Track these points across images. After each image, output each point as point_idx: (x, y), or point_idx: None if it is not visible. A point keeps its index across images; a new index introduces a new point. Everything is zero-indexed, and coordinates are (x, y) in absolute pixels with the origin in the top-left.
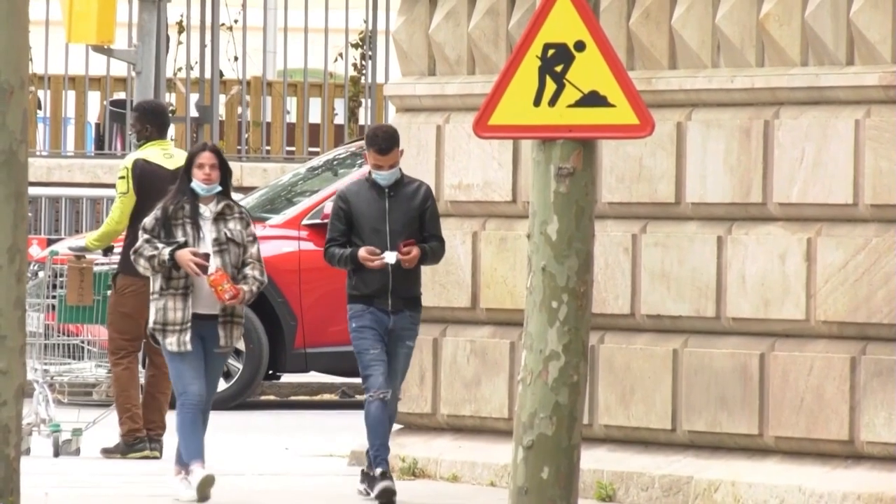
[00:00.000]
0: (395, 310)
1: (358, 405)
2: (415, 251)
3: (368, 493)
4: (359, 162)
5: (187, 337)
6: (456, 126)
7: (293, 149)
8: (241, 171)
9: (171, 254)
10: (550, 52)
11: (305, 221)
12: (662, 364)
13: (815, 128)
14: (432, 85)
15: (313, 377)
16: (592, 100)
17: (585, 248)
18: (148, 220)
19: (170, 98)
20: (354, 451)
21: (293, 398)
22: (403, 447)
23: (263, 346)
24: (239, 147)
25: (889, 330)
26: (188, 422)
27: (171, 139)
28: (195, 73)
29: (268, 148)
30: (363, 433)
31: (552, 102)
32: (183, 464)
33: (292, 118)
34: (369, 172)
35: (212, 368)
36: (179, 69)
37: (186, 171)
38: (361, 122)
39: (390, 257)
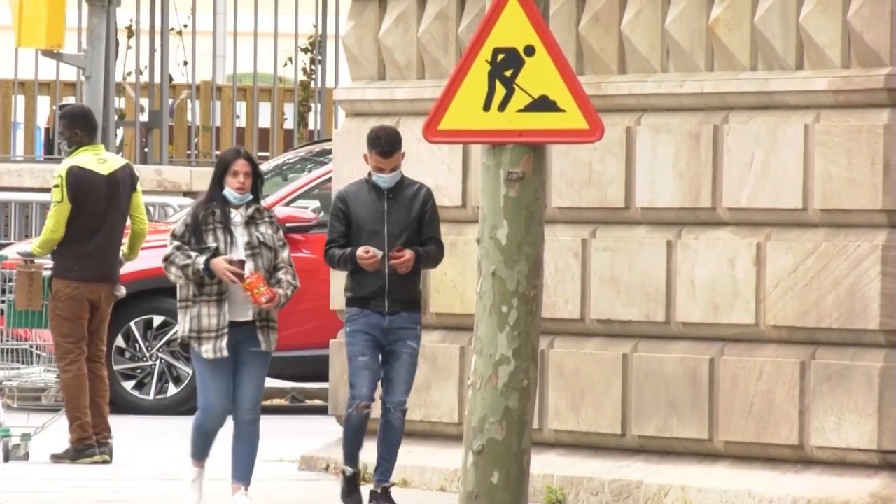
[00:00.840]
0: (392, 311)
1: (308, 410)
2: (407, 254)
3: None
4: (308, 166)
5: (223, 343)
6: (406, 131)
7: None
8: (191, 176)
9: (206, 262)
10: (500, 56)
11: None
12: (612, 369)
13: (764, 133)
14: (382, 90)
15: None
16: (542, 104)
17: (535, 252)
18: (178, 227)
19: (119, 102)
20: (304, 456)
21: None
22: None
23: None
24: (188, 152)
25: (838, 334)
26: (202, 432)
27: (122, 144)
28: (145, 78)
29: (217, 152)
30: (313, 438)
31: (502, 107)
32: (194, 457)
33: (242, 123)
34: (369, 174)
35: (252, 372)
36: (129, 74)
37: (219, 178)
38: (311, 126)
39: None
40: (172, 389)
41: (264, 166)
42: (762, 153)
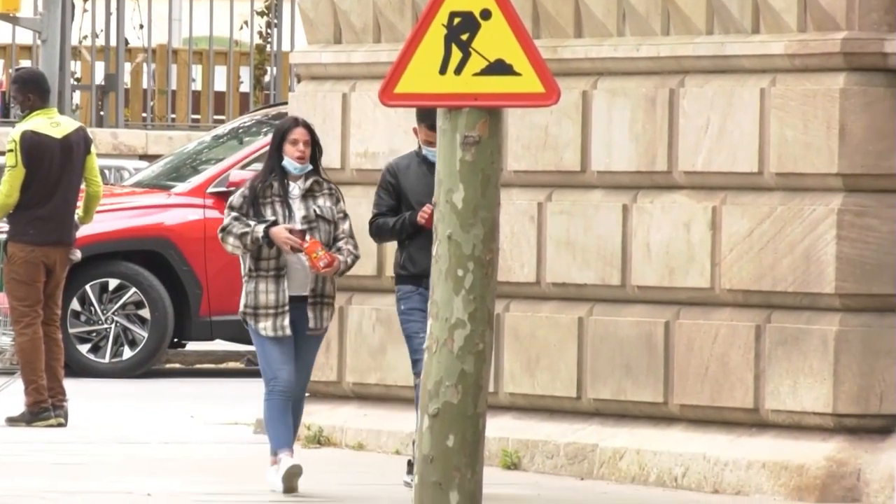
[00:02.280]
0: None
1: None
2: None
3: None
4: (264, 130)
5: (286, 321)
6: (362, 94)
7: (198, 117)
8: (147, 140)
9: (266, 231)
10: (456, 20)
11: (210, 189)
12: (568, 332)
13: (720, 97)
14: (338, 53)
15: (218, 345)
16: (498, 68)
17: (491, 216)
18: (235, 199)
19: (75, 66)
20: (260, 419)
21: (198, 366)
22: (309, 415)
23: (168, 315)
24: (144, 115)
25: (794, 298)
26: (275, 410)
27: (77, 107)
28: (101, 42)
29: (173, 116)
30: None
31: (458, 71)
32: (273, 453)
33: (197, 86)
34: (419, 146)
35: (304, 352)
36: (85, 37)
37: (277, 147)
38: (267, 90)
39: None
40: (128, 353)
41: (219, 130)
42: (718, 117)
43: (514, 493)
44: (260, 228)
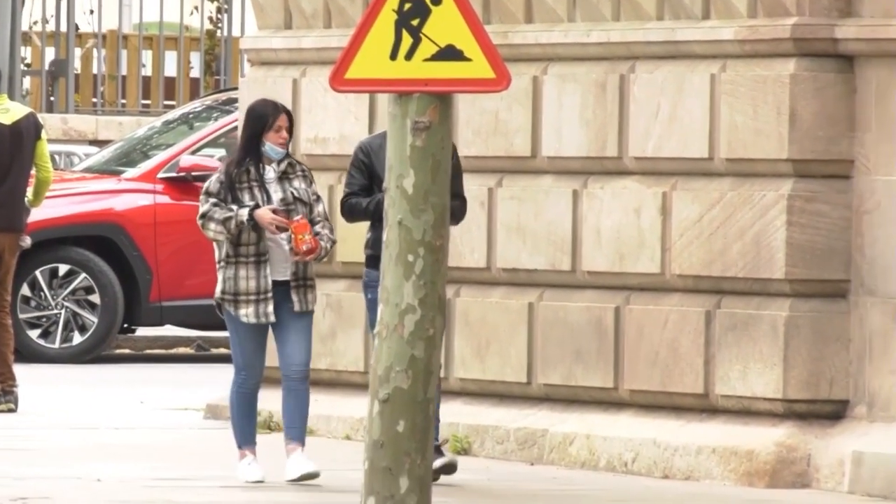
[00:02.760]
0: None
1: (214, 359)
2: None
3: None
4: (214, 115)
5: (270, 307)
6: (312, 80)
7: (149, 102)
8: (97, 125)
9: (250, 213)
10: (407, 5)
11: (161, 175)
12: (518, 317)
13: (670, 82)
14: (288, 39)
15: (169, 330)
16: (449, 54)
17: (441, 201)
18: (212, 184)
19: (25, 52)
20: (210, 405)
21: (148, 352)
22: (259, 401)
23: (118, 300)
24: (94, 100)
25: (744, 283)
26: (244, 403)
27: (28, 92)
28: (51, 27)
29: (123, 101)
30: (219, 386)
31: (408, 56)
32: (239, 446)
33: (148, 72)
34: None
35: (297, 331)
36: (35, 22)
37: (258, 134)
38: (217, 75)
39: None
40: (77, 338)
41: (169, 115)
42: (668, 103)
43: (464, 478)
44: (244, 212)
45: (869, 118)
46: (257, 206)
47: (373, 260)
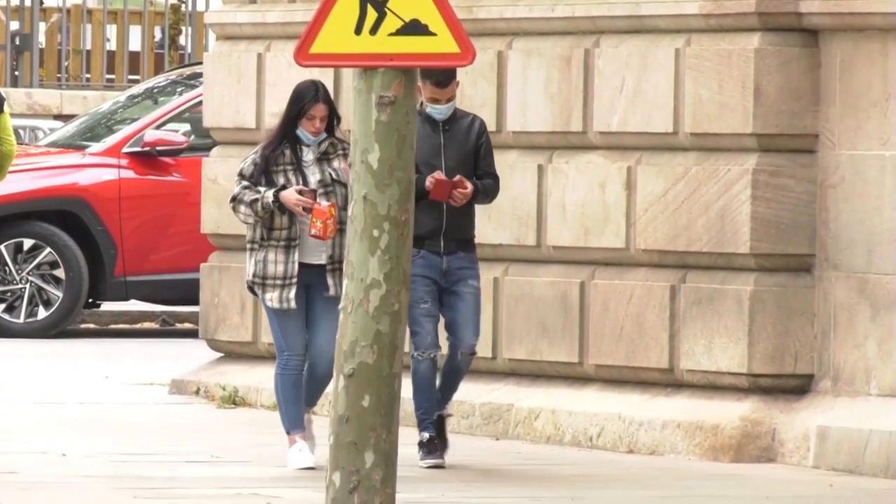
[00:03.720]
0: (448, 251)
1: (179, 333)
2: (469, 187)
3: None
4: (179, 90)
5: (292, 293)
6: (277, 54)
7: (113, 77)
8: (62, 99)
9: (276, 195)
10: None
11: (126, 150)
12: (483, 292)
13: (635, 56)
14: (253, 13)
15: (133, 305)
16: (413, 28)
17: (407, 176)
18: (245, 167)
19: None
20: (175, 380)
21: (113, 326)
22: (224, 375)
23: (83, 275)
24: (59, 75)
25: (708, 258)
26: (289, 387)
27: None
28: (15, 1)
29: (88, 76)
30: (184, 361)
31: (373, 31)
32: (287, 432)
33: (112, 46)
34: (421, 104)
35: (327, 316)
36: None
37: (294, 117)
38: (182, 50)
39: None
40: (42, 313)
41: (134, 90)
42: (633, 77)
43: None
44: (270, 194)
45: (833, 92)
46: (284, 188)
47: None
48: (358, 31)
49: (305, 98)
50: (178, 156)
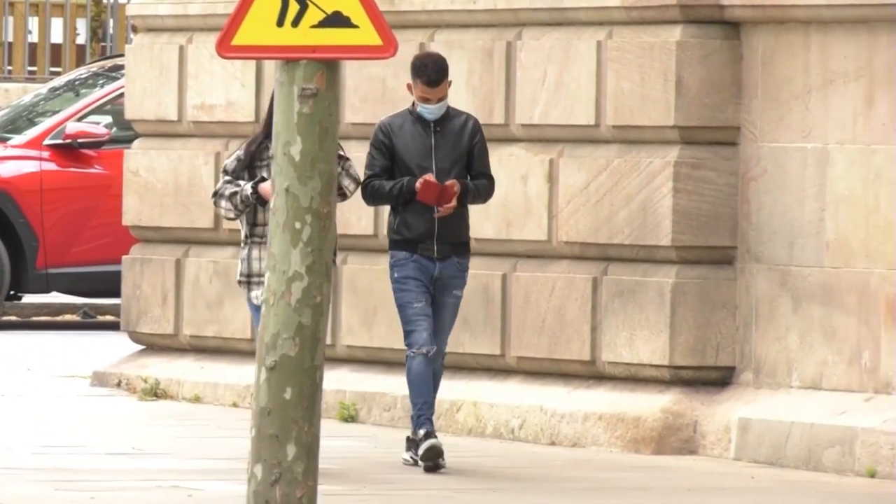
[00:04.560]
0: (442, 256)
1: (100, 326)
2: (454, 203)
3: (416, 462)
4: (100, 82)
5: None
6: (199, 47)
7: (35, 69)
8: None
9: (254, 187)
10: None
11: (47, 142)
12: None
13: (557, 49)
14: (175, 5)
15: (55, 298)
16: (336, 20)
17: (329, 168)
18: (229, 162)
19: None
20: (96, 372)
21: (35, 319)
22: (145, 368)
23: (5, 267)
24: None
25: (630, 251)
26: None
27: None
28: None
29: (9, 68)
30: (105, 353)
31: (295, 23)
32: None
33: (34, 38)
34: (413, 104)
35: None
36: None
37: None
38: (104, 42)
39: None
40: None
41: (55, 82)
42: (555, 70)
43: (352, 445)
44: (248, 187)
45: (755, 85)
46: (263, 180)
47: (397, 243)
48: (280, 23)
49: None
50: (99, 148)
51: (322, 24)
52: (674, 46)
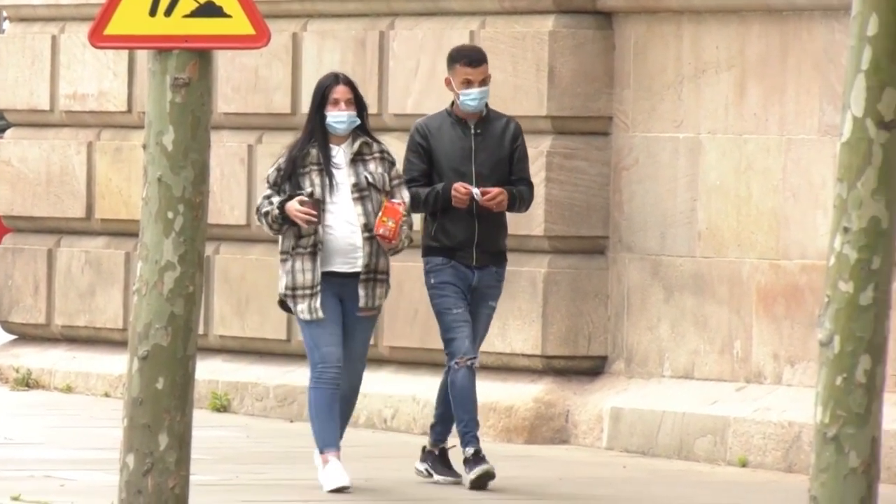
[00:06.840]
0: (480, 265)
1: None
2: (495, 190)
3: (431, 474)
4: None
5: (317, 302)
6: (71, 36)
7: None
8: None
9: (279, 206)
10: None
11: None
12: (277, 275)
13: (430, 39)
14: None
15: None
16: (208, 10)
17: (201, 158)
18: (270, 173)
19: None
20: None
21: None
22: (18, 357)
23: None
24: None
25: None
26: (323, 401)
27: None
28: None
29: None
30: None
31: (168, 13)
32: (321, 451)
33: None
34: (451, 104)
35: (357, 334)
36: None
37: (318, 108)
38: None
39: (475, 193)
40: None
41: None
42: (428, 60)
43: (224, 434)
44: (275, 208)
45: (627, 75)
46: (290, 198)
47: (433, 249)
48: (153, 12)
49: (326, 83)
50: None
51: (195, 13)
52: (546, 36)
